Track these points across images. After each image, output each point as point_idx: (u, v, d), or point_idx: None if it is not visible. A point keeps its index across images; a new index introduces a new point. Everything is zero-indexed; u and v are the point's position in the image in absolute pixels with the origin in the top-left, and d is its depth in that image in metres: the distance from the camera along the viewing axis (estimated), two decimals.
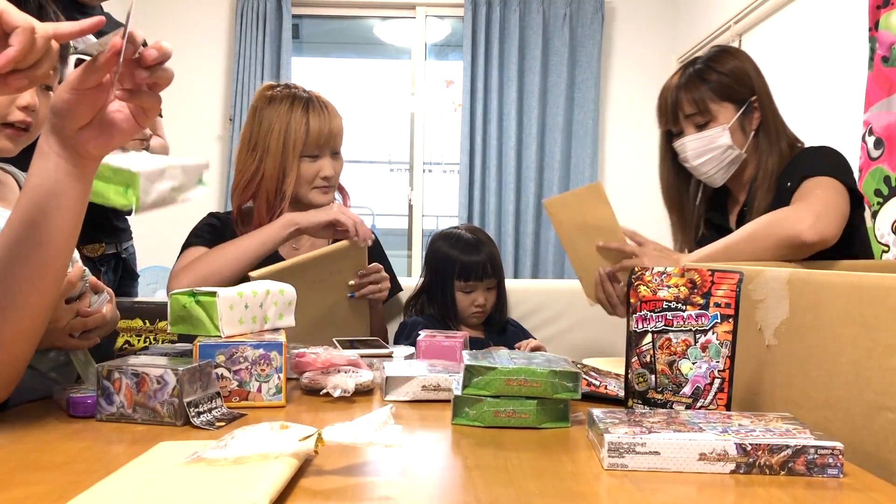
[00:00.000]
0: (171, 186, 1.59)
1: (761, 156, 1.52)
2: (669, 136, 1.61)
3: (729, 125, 1.50)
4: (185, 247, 1.58)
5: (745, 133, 1.53)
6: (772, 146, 1.52)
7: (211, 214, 1.67)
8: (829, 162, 1.44)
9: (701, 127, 1.52)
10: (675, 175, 1.65)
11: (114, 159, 1.52)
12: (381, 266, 1.59)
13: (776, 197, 1.47)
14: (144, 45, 0.75)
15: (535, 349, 1.65)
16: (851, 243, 1.42)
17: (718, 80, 1.51)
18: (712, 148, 1.51)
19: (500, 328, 1.90)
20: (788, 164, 1.50)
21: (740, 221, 1.55)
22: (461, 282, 1.82)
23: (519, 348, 1.69)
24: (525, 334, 1.94)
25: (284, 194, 1.56)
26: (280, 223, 1.47)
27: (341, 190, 1.72)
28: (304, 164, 1.56)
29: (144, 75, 0.74)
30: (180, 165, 1.62)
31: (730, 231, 1.58)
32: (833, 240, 1.33)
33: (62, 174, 0.78)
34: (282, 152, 1.55)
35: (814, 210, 1.32)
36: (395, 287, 1.85)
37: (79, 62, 1.53)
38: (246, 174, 1.59)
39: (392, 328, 1.87)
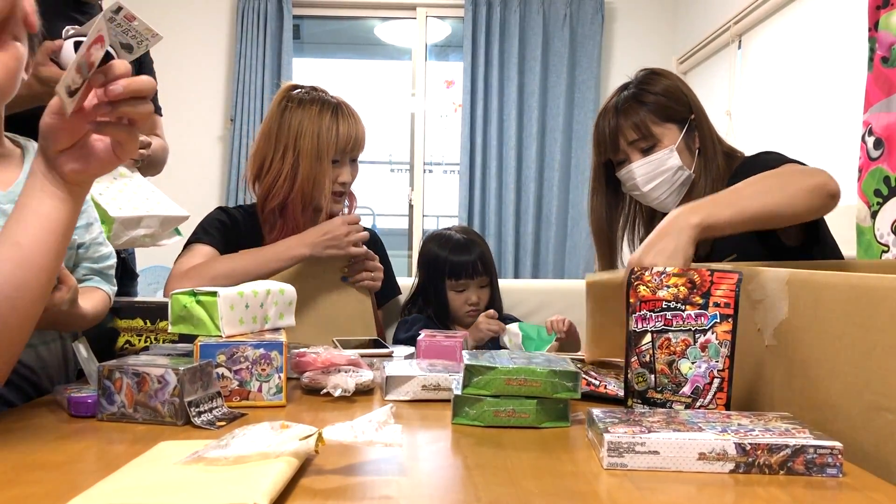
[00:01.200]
0: (144, 234, 1.63)
1: (707, 174, 1.47)
2: (606, 166, 1.56)
3: (675, 146, 1.46)
4: (192, 241, 1.58)
5: (691, 153, 1.49)
6: (709, 162, 1.48)
7: (220, 209, 1.66)
8: (784, 157, 1.39)
9: (647, 151, 1.46)
10: (608, 207, 1.59)
11: (99, 192, 1.53)
12: (374, 254, 1.59)
13: None
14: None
15: (569, 330, 1.68)
16: (818, 236, 1.38)
17: (656, 101, 1.46)
18: (662, 171, 1.45)
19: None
20: (736, 171, 1.44)
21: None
22: (452, 281, 1.83)
23: (553, 323, 1.72)
24: None
25: (316, 199, 1.56)
26: (291, 253, 1.49)
27: (349, 195, 1.72)
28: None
29: (106, 109, 0.74)
30: (160, 216, 1.64)
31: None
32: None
33: (46, 195, 0.78)
34: (316, 156, 1.54)
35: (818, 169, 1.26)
36: (394, 290, 1.85)
37: (77, 45, 1.54)
38: (279, 174, 1.56)
39: (390, 333, 1.87)
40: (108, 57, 0.75)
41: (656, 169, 1.46)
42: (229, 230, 1.60)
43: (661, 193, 1.48)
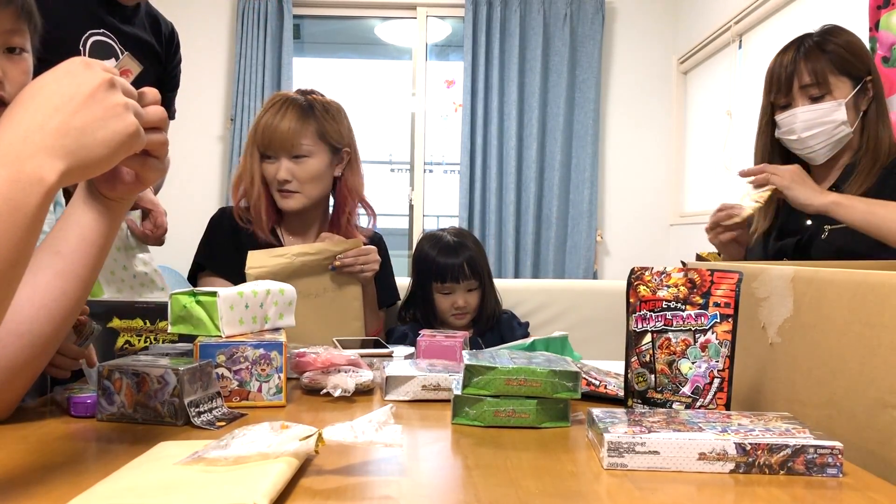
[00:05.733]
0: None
1: (868, 139, 1.48)
2: (773, 108, 1.57)
3: (846, 101, 1.46)
4: (203, 266, 1.66)
5: (856, 113, 1.49)
6: (880, 130, 1.48)
7: (221, 211, 1.71)
8: None
9: (815, 99, 1.47)
10: (769, 147, 1.60)
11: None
12: (372, 248, 1.59)
13: (877, 185, 1.44)
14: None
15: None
16: None
17: (837, 53, 1.48)
18: (825, 122, 1.46)
19: (490, 324, 1.90)
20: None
21: None
22: (438, 283, 1.82)
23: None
24: (517, 322, 1.94)
25: (250, 193, 1.62)
26: None
27: (367, 209, 1.73)
28: (263, 165, 1.61)
29: None
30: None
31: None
32: None
33: (88, 207, 0.80)
34: (248, 153, 1.62)
35: None
36: (394, 295, 1.85)
37: None
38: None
39: None
40: None
41: (820, 118, 1.47)
42: (227, 236, 1.65)
43: (816, 144, 1.49)
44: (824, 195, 1.37)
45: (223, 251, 1.64)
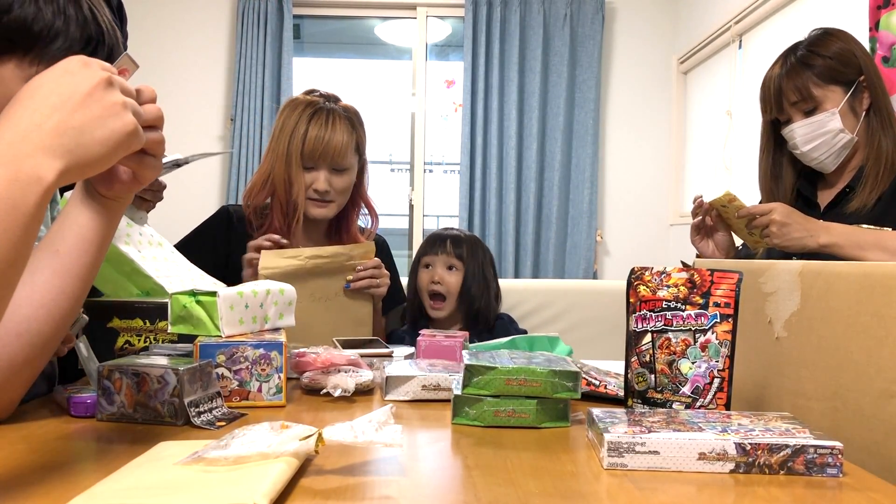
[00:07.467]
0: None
1: (873, 138, 1.48)
2: (773, 124, 1.58)
3: (838, 108, 1.47)
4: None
5: (856, 116, 1.49)
6: (885, 128, 1.48)
7: (222, 210, 1.70)
8: None
9: (809, 112, 1.48)
10: (772, 164, 1.61)
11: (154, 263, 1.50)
12: (380, 262, 1.59)
13: (890, 190, 1.44)
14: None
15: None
16: None
17: (823, 64, 1.48)
18: (822, 133, 1.47)
19: (488, 326, 1.88)
20: None
21: (839, 201, 1.52)
22: (424, 257, 1.81)
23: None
24: (515, 327, 1.93)
25: (296, 205, 1.56)
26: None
27: (371, 212, 1.73)
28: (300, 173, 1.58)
29: None
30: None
31: (817, 206, 1.56)
32: None
33: (85, 206, 0.80)
34: (285, 160, 1.56)
35: None
36: (400, 297, 1.84)
37: None
38: (260, 176, 1.61)
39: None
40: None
41: (816, 130, 1.48)
42: (220, 235, 1.63)
43: (820, 154, 1.50)
44: (814, 237, 1.35)
45: (210, 251, 1.62)
